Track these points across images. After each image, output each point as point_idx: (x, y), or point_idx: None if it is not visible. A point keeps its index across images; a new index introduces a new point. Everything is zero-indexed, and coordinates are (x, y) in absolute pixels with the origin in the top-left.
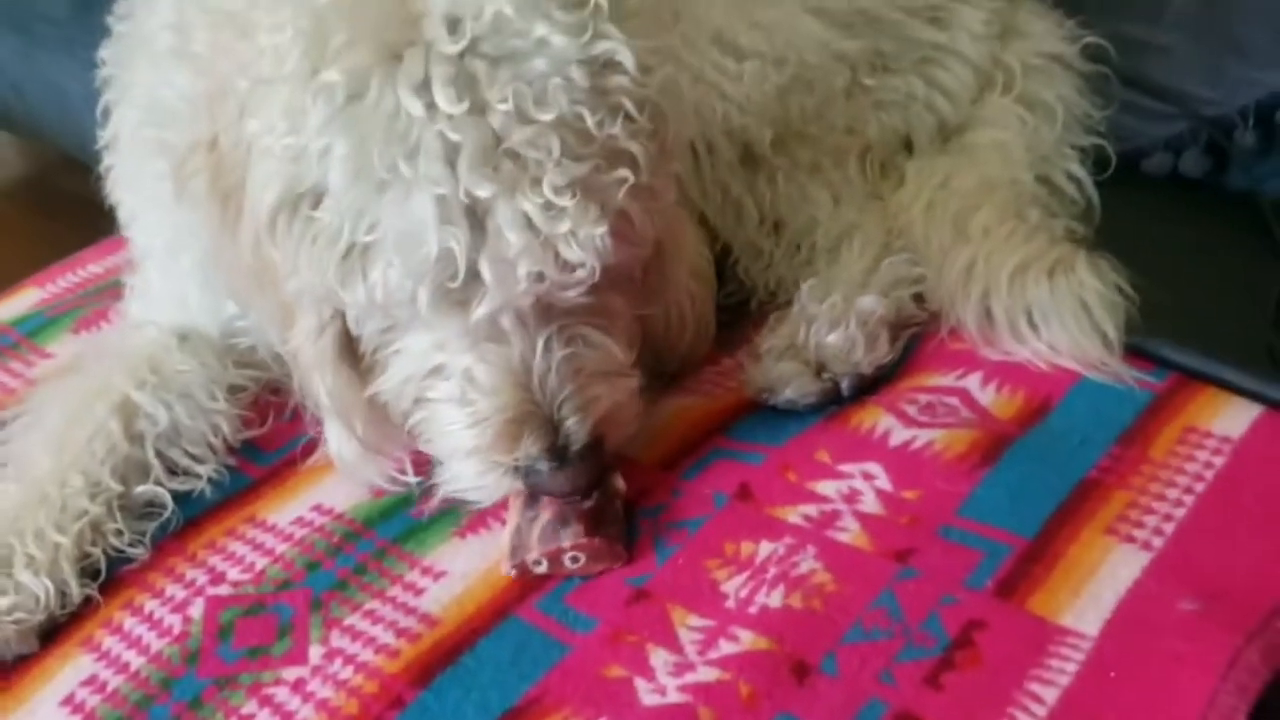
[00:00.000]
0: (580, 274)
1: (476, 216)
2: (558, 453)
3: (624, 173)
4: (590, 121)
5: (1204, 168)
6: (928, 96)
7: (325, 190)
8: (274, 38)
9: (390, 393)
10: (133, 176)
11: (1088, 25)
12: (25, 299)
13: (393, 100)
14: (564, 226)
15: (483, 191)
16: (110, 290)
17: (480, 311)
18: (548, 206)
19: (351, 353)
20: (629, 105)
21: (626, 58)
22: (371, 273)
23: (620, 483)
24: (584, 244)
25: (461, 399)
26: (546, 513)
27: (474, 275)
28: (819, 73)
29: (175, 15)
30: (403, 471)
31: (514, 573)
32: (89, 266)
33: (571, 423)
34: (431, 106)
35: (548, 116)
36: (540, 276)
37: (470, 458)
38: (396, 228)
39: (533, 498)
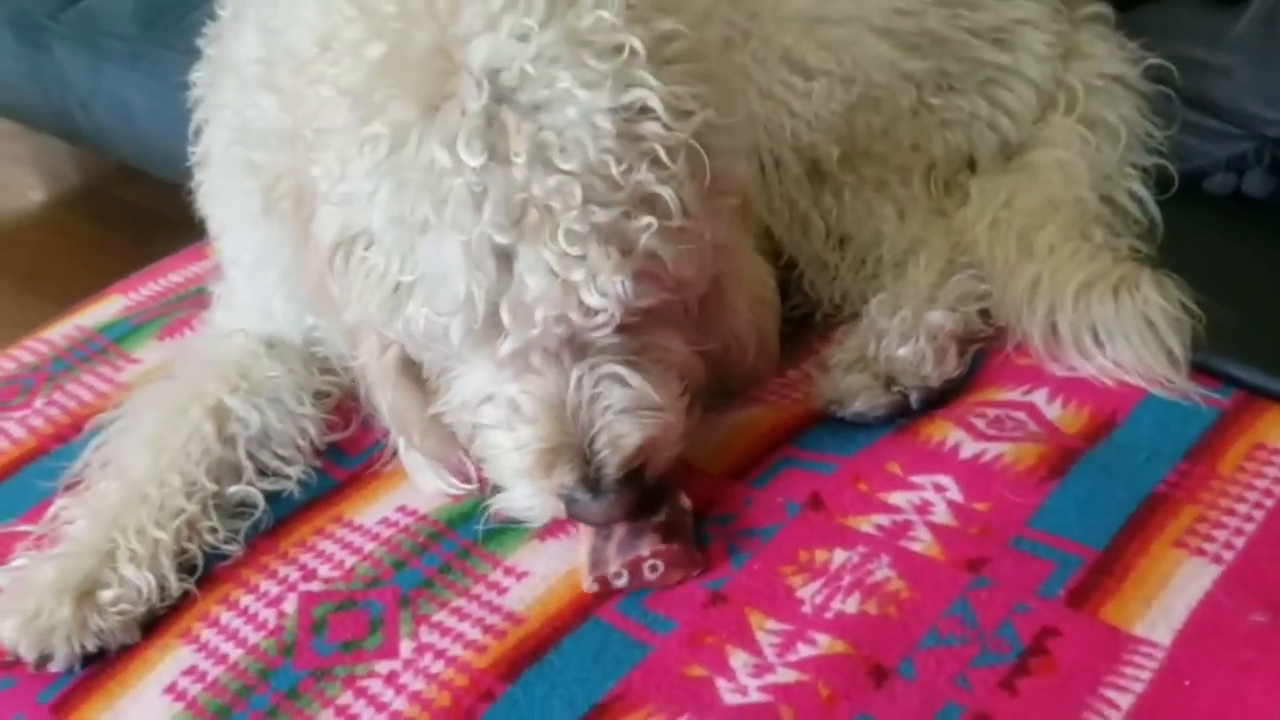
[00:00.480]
0: (601, 318)
1: (503, 261)
2: (592, 483)
3: (648, 219)
4: (615, 170)
5: (1268, 188)
6: (991, 116)
7: (373, 233)
8: (331, 89)
9: (451, 415)
10: (222, 192)
11: (1149, 47)
12: (111, 306)
13: (428, 152)
14: (582, 273)
15: (504, 239)
16: (191, 299)
17: (504, 349)
18: (564, 254)
19: (414, 372)
20: (660, 151)
21: (657, 104)
22: (409, 310)
23: (686, 500)
24: (604, 289)
25: (508, 425)
26: (621, 529)
27: (496, 317)
28: (886, 92)
29: (262, 50)
30: (467, 480)
31: (596, 587)
32: (170, 275)
33: (603, 455)
34: (458, 159)
35: (571, 165)
36: (561, 319)
37: (519, 480)
38: (430, 269)
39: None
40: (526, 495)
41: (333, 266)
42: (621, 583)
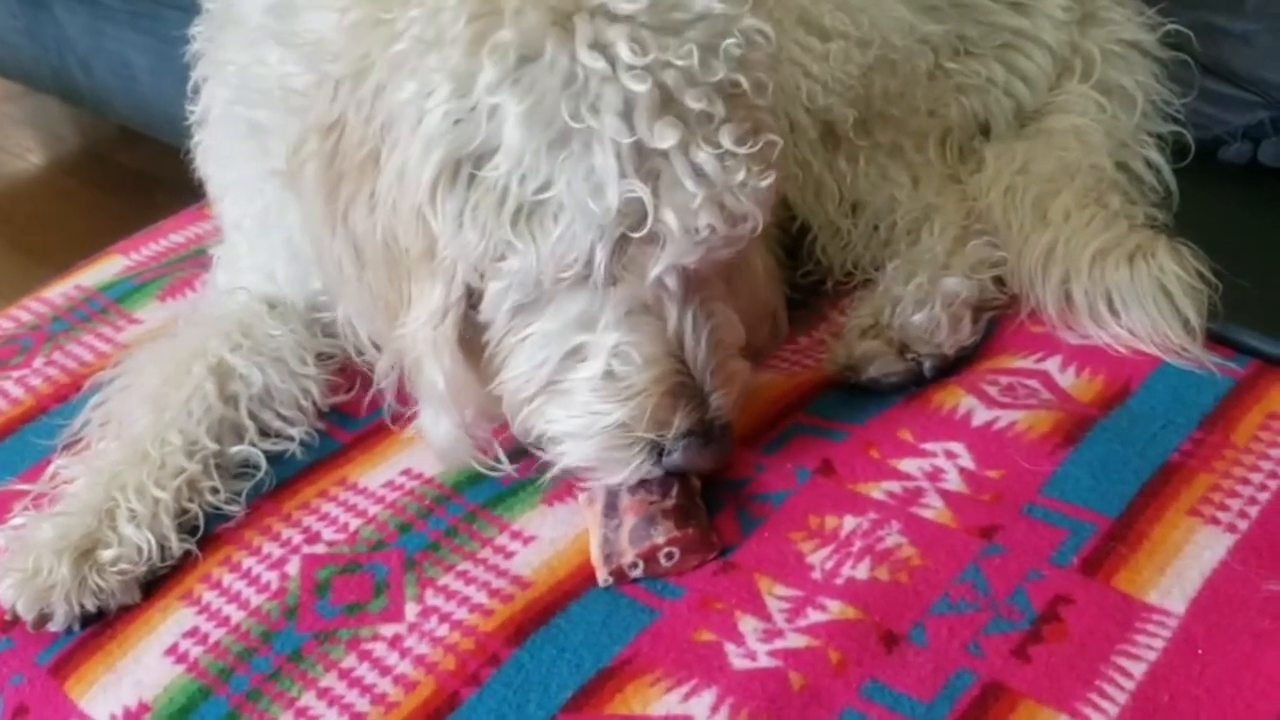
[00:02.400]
0: (745, 228)
1: (651, 171)
2: (706, 426)
3: (776, 136)
4: (746, 87)
5: None
6: (1007, 82)
7: (493, 151)
8: (432, 6)
9: (517, 378)
10: (223, 153)
11: (1167, 13)
12: (112, 265)
13: (568, 60)
14: (738, 177)
15: (662, 143)
16: (192, 259)
17: (656, 270)
18: (723, 157)
19: (469, 342)
20: (766, 80)
21: (768, 36)
22: (545, 231)
23: (695, 480)
24: (751, 195)
25: (608, 376)
26: (631, 517)
27: (647, 235)
28: (903, 55)
29: None
30: (495, 458)
31: (611, 581)
32: (171, 236)
33: (717, 397)
34: (612, 62)
35: (713, 78)
36: (712, 229)
37: (604, 435)
38: (575, 183)
39: (612, 507)
40: (611, 449)
41: (435, 197)
42: (637, 573)
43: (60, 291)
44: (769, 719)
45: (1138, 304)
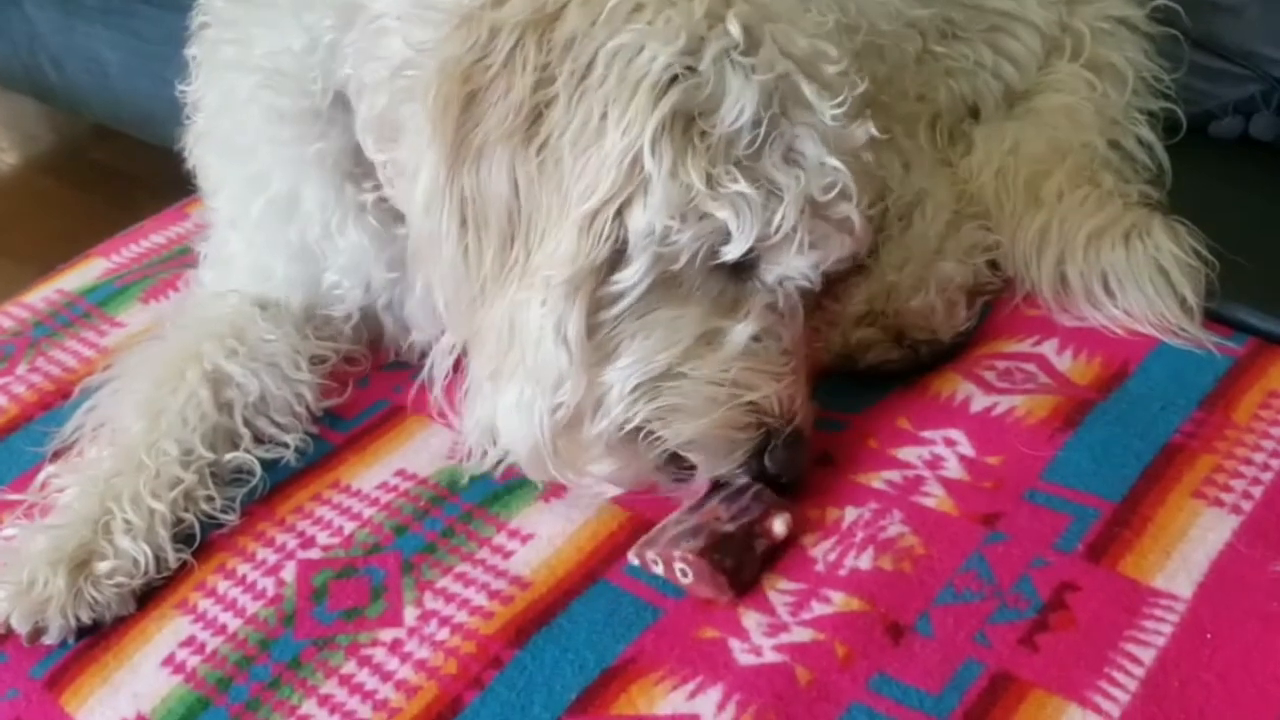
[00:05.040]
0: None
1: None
2: (801, 432)
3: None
4: None
5: (1276, 130)
6: (995, 64)
7: (716, 108)
8: None
9: (639, 361)
10: (229, 142)
11: None
12: (93, 269)
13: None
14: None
15: (856, 141)
16: (174, 260)
17: (823, 265)
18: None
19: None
20: None
21: None
22: (754, 197)
23: (780, 526)
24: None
25: (749, 355)
26: (692, 520)
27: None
28: (890, 40)
29: None
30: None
31: (634, 559)
32: (152, 237)
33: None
34: (822, 52)
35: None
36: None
37: (727, 413)
38: (807, 148)
39: (695, 508)
40: (735, 431)
41: (658, 142)
42: (658, 570)
43: (41, 296)
44: (776, 715)
45: (1134, 284)
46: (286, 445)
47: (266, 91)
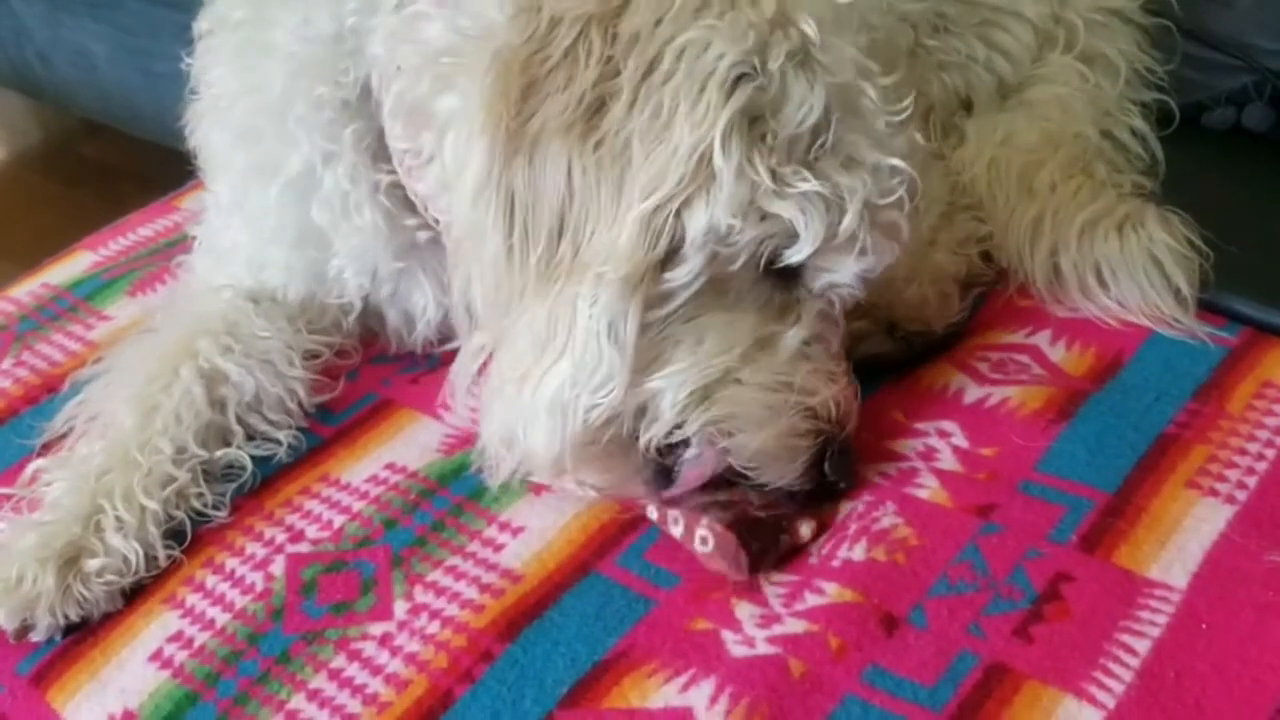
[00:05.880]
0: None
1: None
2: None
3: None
4: None
5: (1268, 121)
6: (988, 58)
7: (781, 108)
8: None
9: (692, 366)
10: (241, 124)
11: None
12: (79, 262)
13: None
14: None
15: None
16: (162, 252)
17: (861, 269)
18: None
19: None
20: None
21: None
22: (820, 200)
23: (806, 530)
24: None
25: (805, 360)
26: (723, 495)
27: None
28: (882, 33)
29: None
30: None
31: (651, 513)
32: (139, 230)
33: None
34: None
35: None
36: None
37: (788, 421)
38: (865, 153)
39: (720, 486)
40: (797, 439)
41: (728, 141)
42: (674, 529)
43: (27, 290)
44: (770, 708)
45: (1128, 275)
46: (279, 442)
47: (302, 80)
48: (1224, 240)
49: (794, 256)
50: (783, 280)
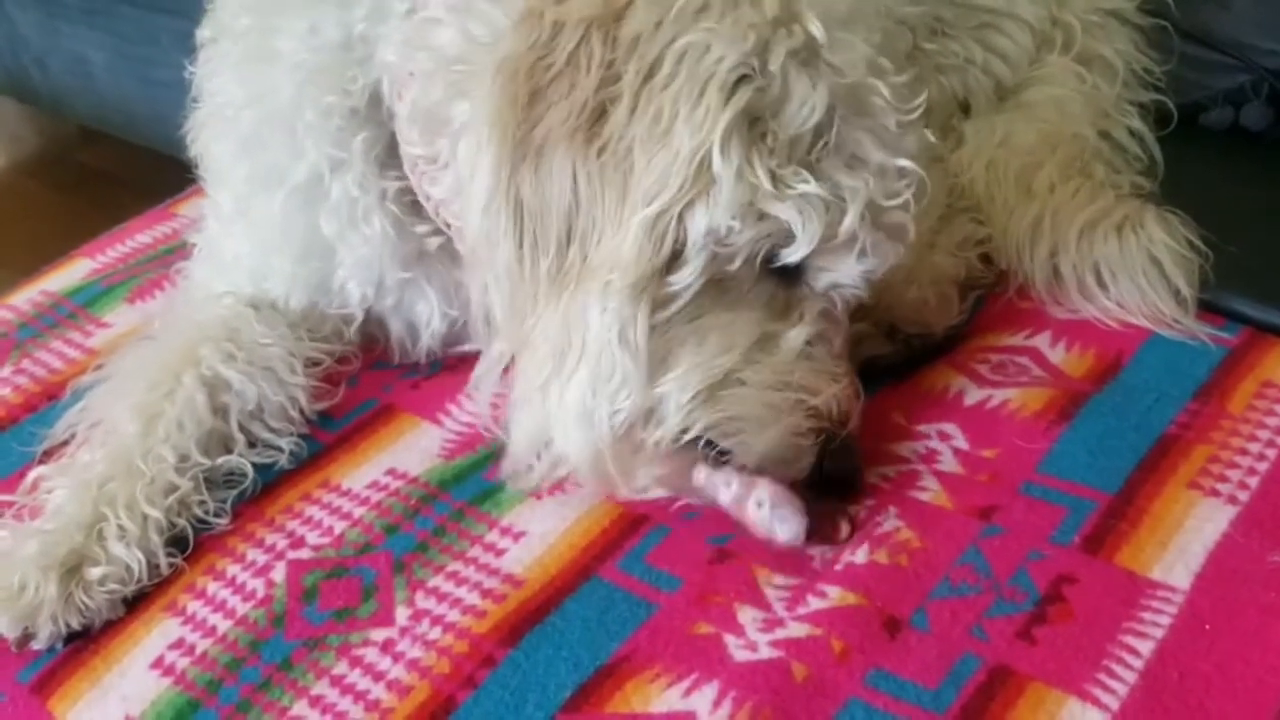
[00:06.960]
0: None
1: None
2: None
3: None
4: None
5: (1266, 120)
6: (985, 60)
7: (782, 110)
8: None
9: (696, 367)
10: (244, 131)
11: None
12: (78, 269)
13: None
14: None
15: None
16: (160, 259)
17: (865, 270)
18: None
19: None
20: None
21: None
22: (819, 199)
23: (845, 529)
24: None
25: (807, 359)
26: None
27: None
28: (880, 37)
29: None
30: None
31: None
32: (137, 237)
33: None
34: (880, 69)
35: None
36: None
37: (791, 419)
38: (870, 153)
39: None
40: (800, 438)
41: (729, 142)
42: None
43: (26, 297)
44: (773, 711)
45: (1127, 276)
46: (280, 449)
47: (310, 88)
48: (1223, 240)
49: (791, 256)
50: (785, 279)
